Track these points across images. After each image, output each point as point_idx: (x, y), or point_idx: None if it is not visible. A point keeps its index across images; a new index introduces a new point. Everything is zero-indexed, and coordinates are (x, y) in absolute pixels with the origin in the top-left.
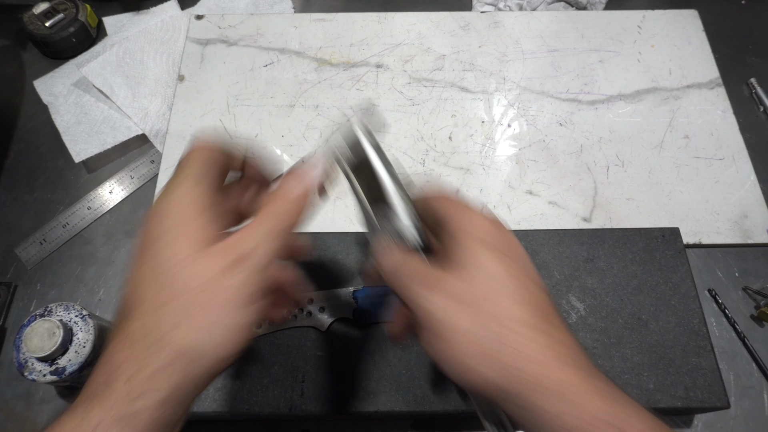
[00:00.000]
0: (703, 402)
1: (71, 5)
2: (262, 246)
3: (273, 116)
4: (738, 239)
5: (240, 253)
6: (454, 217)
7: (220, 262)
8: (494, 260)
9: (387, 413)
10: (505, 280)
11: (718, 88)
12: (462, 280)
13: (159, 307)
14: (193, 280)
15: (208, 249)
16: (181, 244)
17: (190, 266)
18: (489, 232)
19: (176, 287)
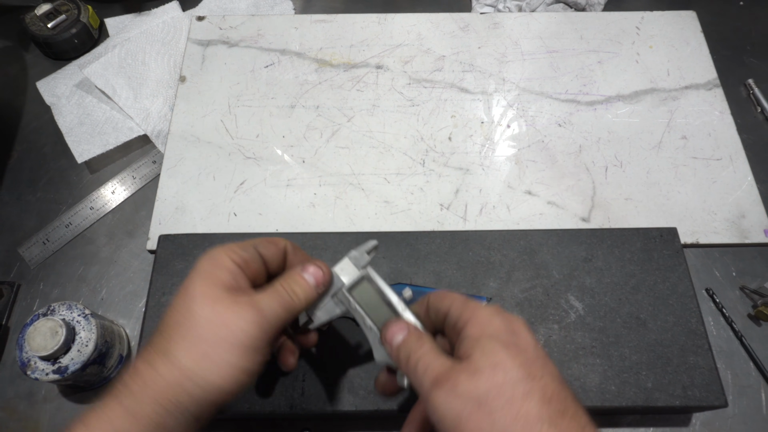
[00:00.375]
0: (700, 401)
1: (73, 6)
2: (276, 310)
3: (274, 117)
4: (735, 239)
5: (256, 306)
6: (462, 315)
7: (238, 308)
8: (507, 356)
9: (387, 413)
10: (518, 376)
11: (715, 89)
12: (477, 377)
13: (178, 334)
14: (210, 316)
15: (229, 295)
16: (207, 285)
17: (211, 304)
18: (499, 327)
19: (195, 320)
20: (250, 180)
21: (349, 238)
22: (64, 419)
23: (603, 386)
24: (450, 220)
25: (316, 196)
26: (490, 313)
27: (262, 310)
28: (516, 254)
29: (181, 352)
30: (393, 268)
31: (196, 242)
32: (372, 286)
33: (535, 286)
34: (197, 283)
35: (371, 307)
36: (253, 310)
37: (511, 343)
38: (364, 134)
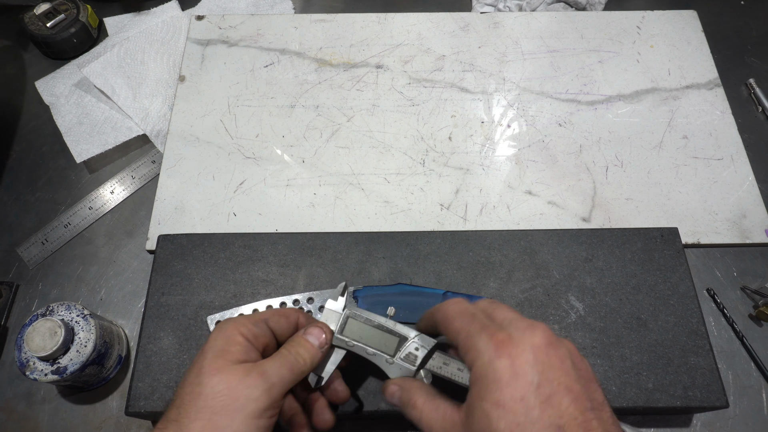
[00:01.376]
0: (701, 401)
1: (72, 6)
2: (283, 375)
3: (273, 116)
4: (736, 239)
5: (265, 375)
6: (469, 355)
7: (248, 379)
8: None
9: (387, 413)
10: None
11: (716, 89)
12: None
13: (190, 403)
14: (222, 389)
15: (240, 367)
16: (219, 360)
17: (222, 378)
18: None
19: (207, 394)
20: (250, 180)
21: (349, 238)
22: (63, 420)
23: (603, 387)
24: (450, 220)
25: (315, 196)
26: (487, 364)
27: (270, 378)
28: (516, 254)
29: (194, 425)
30: (393, 268)
31: (195, 242)
32: (358, 320)
33: (535, 287)
34: (210, 359)
35: (366, 336)
36: (262, 378)
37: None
38: (364, 134)
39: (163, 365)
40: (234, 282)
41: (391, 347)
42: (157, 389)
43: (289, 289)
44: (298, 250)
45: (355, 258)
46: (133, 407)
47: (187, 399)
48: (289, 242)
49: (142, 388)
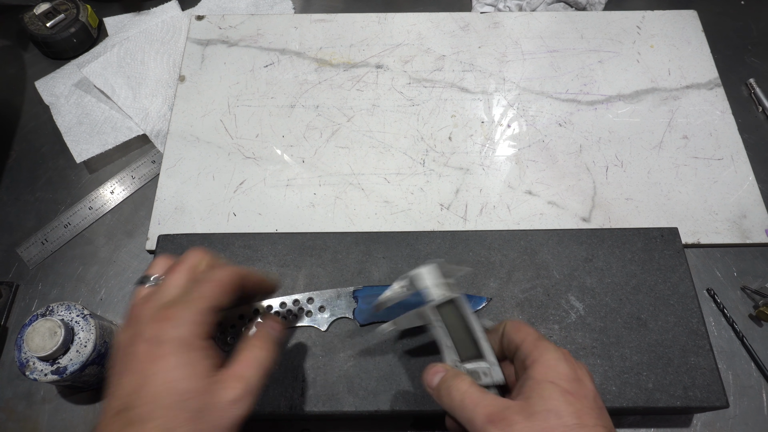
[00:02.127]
0: (702, 401)
1: (72, 6)
2: (257, 375)
3: (273, 116)
4: (736, 239)
5: (246, 384)
6: (532, 354)
7: (232, 393)
8: (563, 403)
9: (387, 413)
10: (571, 422)
11: (717, 89)
12: (532, 419)
13: (179, 427)
14: (211, 407)
15: (219, 378)
16: (194, 379)
17: (207, 397)
18: (562, 373)
19: (197, 414)
20: (250, 180)
21: (348, 238)
22: (63, 420)
23: (604, 387)
24: (450, 220)
25: (315, 196)
26: (557, 359)
27: (249, 386)
28: (516, 254)
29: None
30: (393, 268)
31: (195, 242)
32: (458, 311)
33: (535, 287)
34: (184, 380)
35: (455, 328)
36: (244, 391)
37: (571, 390)
38: (364, 134)
39: None
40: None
41: (466, 354)
42: None
43: (289, 289)
44: (298, 250)
45: (355, 258)
46: None
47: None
48: (289, 242)
49: None
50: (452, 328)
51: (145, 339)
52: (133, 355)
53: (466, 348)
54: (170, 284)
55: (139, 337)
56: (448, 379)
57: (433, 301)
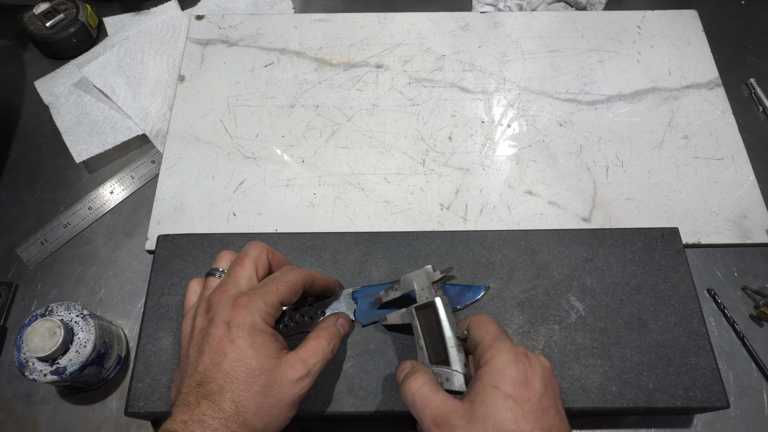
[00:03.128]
0: (702, 402)
1: (72, 5)
2: (319, 364)
3: (273, 116)
4: (737, 239)
5: (308, 369)
6: (485, 354)
7: (296, 373)
8: (504, 408)
9: (387, 413)
10: (507, 427)
11: (717, 89)
12: (472, 424)
13: (249, 400)
14: (276, 384)
15: (286, 360)
16: (264, 359)
17: (275, 375)
18: (509, 378)
19: (265, 389)
20: (250, 180)
21: (348, 238)
22: (62, 420)
23: (604, 387)
24: (450, 220)
25: (315, 195)
26: (507, 361)
27: (311, 371)
28: (516, 254)
29: (256, 418)
30: (393, 269)
31: (195, 242)
32: (435, 314)
33: (535, 287)
34: (255, 359)
35: (429, 331)
36: (306, 374)
37: (514, 394)
38: (364, 134)
39: (163, 365)
40: None
41: (435, 357)
42: (157, 389)
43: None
44: (298, 250)
45: (354, 258)
46: (133, 407)
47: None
48: (288, 242)
49: (142, 388)
50: (427, 330)
51: (221, 322)
52: (211, 336)
53: (436, 352)
54: (240, 275)
55: (216, 320)
56: (408, 375)
57: (414, 304)
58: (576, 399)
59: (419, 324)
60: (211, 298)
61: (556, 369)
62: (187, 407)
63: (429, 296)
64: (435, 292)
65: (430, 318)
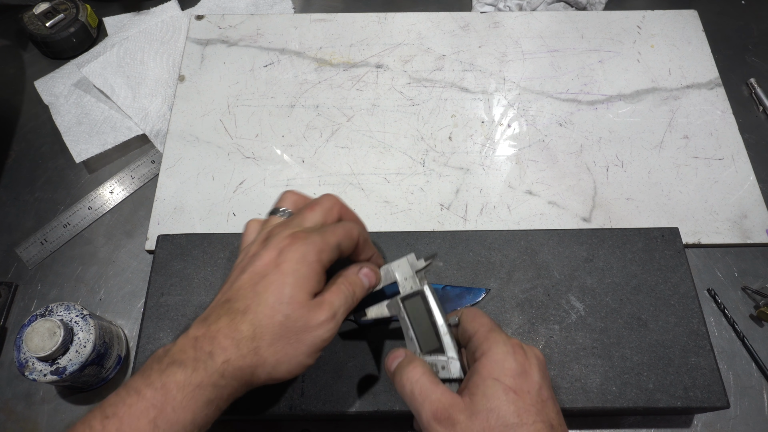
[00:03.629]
0: (702, 402)
1: (71, 5)
2: (344, 312)
3: (273, 116)
4: (737, 239)
5: (334, 311)
6: (481, 346)
7: (323, 315)
8: (505, 402)
9: (387, 413)
10: (511, 422)
11: (717, 88)
12: (474, 418)
13: (269, 327)
14: (299, 321)
15: (315, 300)
16: (300, 291)
17: (303, 310)
18: (508, 370)
19: (288, 321)
20: (250, 180)
21: None
22: (62, 420)
23: (604, 387)
24: (450, 220)
25: (315, 195)
26: (505, 353)
27: (336, 315)
28: (517, 254)
29: (269, 350)
30: None
31: (194, 242)
32: (424, 303)
33: (535, 287)
34: (293, 289)
35: (418, 321)
36: (332, 317)
37: (514, 387)
38: (364, 134)
39: None
40: None
41: (427, 346)
42: None
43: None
44: None
45: None
46: None
47: (267, 321)
48: None
49: None
50: (416, 320)
51: (274, 248)
52: (259, 258)
53: (427, 341)
54: (308, 218)
55: (269, 246)
56: (403, 365)
57: (399, 294)
58: (576, 399)
59: (407, 314)
60: (272, 231)
61: (556, 369)
62: (205, 322)
63: (414, 285)
64: (421, 281)
65: (418, 307)
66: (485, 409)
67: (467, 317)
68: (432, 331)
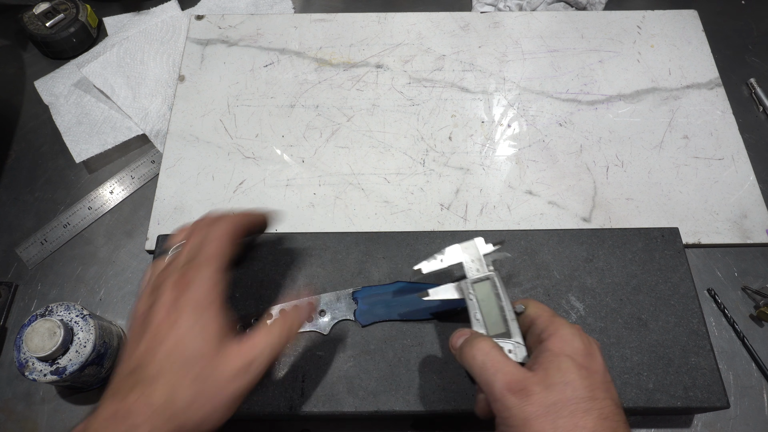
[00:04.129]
0: (702, 402)
1: (71, 5)
2: (264, 358)
3: (273, 116)
4: (737, 239)
5: (250, 359)
6: (548, 328)
7: (235, 365)
8: (578, 377)
9: (387, 413)
10: (584, 395)
11: (717, 88)
12: (549, 390)
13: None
14: (213, 375)
15: (226, 347)
16: (204, 344)
17: (212, 364)
18: (577, 348)
19: (199, 379)
20: (249, 180)
21: (348, 238)
22: (62, 420)
23: None
24: (450, 220)
25: (315, 195)
26: (572, 333)
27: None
28: (516, 254)
29: (189, 412)
30: (393, 268)
31: None
32: (493, 288)
33: (535, 287)
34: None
35: (486, 304)
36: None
37: (585, 365)
38: (363, 134)
39: None
40: (233, 282)
41: (494, 330)
42: None
43: (289, 289)
44: (298, 250)
45: (354, 258)
46: None
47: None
48: (288, 242)
49: None
50: (483, 304)
51: (163, 304)
52: (151, 320)
53: (494, 325)
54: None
55: (158, 303)
56: (472, 338)
57: (472, 277)
58: None
59: (476, 297)
60: (156, 280)
61: None
62: (117, 396)
63: (481, 269)
64: (489, 267)
65: (487, 292)
66: (561, 382)
67: (530, 303)
68: (500, 315)
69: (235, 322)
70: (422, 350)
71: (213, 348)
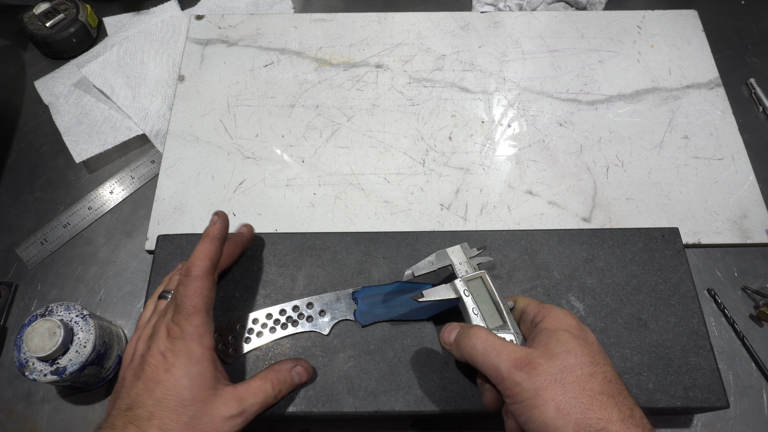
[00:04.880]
0: (702, 402)
1: (71, 5)
2: (257, 406)
3: (273, 116)
4: (737, 239)
5: (243, 408)
6: (540, 312)
7: (229, 411)
8: (577, 345)
9: (387, 413)
10: (586, 361)
11: (717, 88)
12: (553, 360)
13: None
14: (207, 416)
15: (224, 394)
16: (199, 389)
17: (207, 408)
18: (571, 324)
19: (194, 421)
20: (249, 180)
21: (348, 238)
22: (62, 420)
23: None
24: (450, 220)
25: (315, 195)
26: (564, 313)
27: (245, 413)
28: (517, 254)
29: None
30: (393, 268)
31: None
32: (485, 285)
33: (535, 287)
34: (188, 389)
35: (481, 300)
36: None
37: (581, 336)
38: (363, 134)
39: None
40: (233, 282)
41: (493, 323)
42: None
43: (289, 289)
44: (298, 250)
45: (354, 258)
46: None
47: (173, 425)
48: (288, 242)
49: None
50: (479, 299)
51: (159, 351)
52: (148, 364)
53: (492, 318)
54: (171, 300)
55: (154, 349)
56: (467, 329)
57: (464, 276)
58: None
59: (472, 294)
60: (155, 324)
61: None
62: (113, 430)
63: (469, 269)
64: (476, 267)
65: (479, 289)
66: (563, 351)
67: (519, 297)
68: (495, 310)
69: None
70: (422, 350)
71: (206, 391)
